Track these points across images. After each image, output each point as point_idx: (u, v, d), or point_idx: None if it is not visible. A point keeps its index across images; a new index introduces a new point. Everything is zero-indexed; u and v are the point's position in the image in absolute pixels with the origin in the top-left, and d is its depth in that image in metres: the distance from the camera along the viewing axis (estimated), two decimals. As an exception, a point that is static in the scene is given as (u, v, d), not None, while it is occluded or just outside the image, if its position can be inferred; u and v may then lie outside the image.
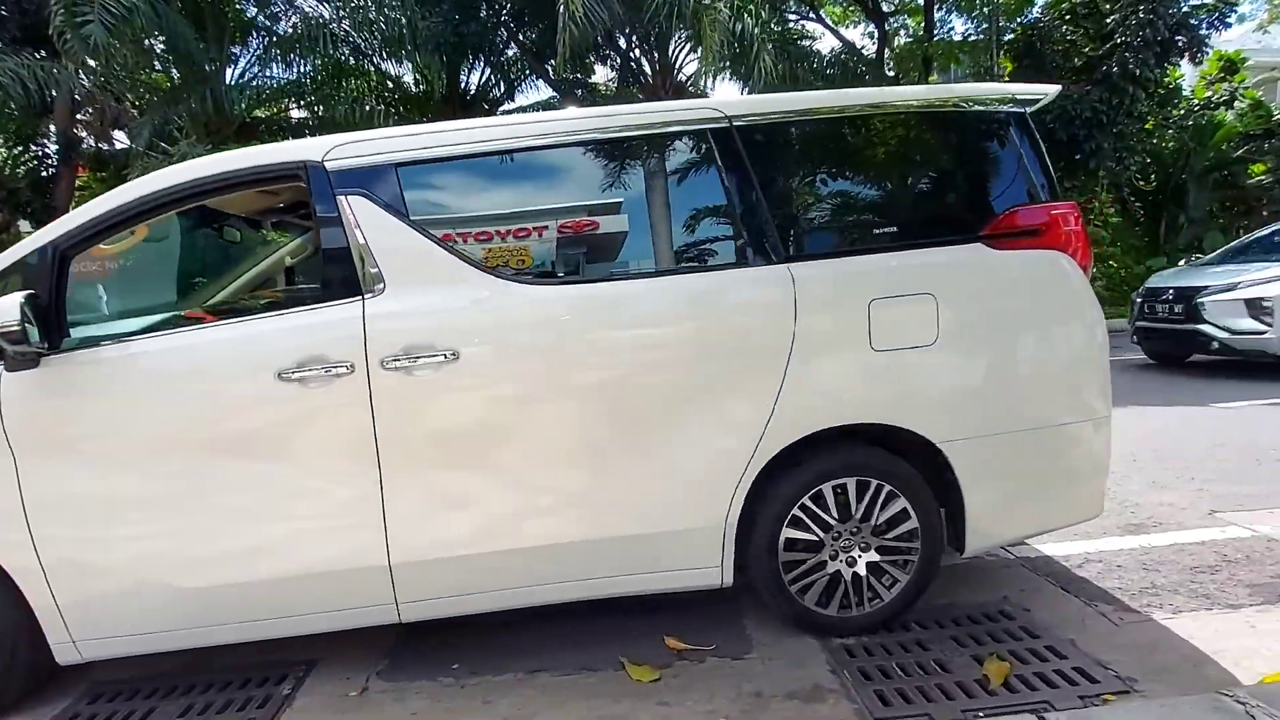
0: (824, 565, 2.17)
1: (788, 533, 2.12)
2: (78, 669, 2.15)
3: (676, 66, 13.35)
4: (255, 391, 1.92)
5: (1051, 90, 2.28)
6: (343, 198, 1.98)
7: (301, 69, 11.60)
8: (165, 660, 2.21)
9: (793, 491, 2.10)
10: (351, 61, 11.73)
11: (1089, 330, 2.19)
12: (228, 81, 10.97)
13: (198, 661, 2.27)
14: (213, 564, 1.99)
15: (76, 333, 2.03)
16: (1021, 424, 2.15)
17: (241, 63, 11.86)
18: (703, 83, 11.57)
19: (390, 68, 12.62)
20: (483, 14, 10.92)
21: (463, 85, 12.76)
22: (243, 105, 10.70)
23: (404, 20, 9.92)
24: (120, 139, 11.46)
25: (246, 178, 2.03)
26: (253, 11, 11.80)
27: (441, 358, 1.94)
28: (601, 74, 13.69)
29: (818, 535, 2.14)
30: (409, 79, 12.84)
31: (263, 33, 11.77)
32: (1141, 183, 14.16)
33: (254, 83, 11.68)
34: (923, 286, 2.07)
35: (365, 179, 2.00)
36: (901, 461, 2.14)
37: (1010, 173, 2.21)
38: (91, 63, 10.31)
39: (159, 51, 9.90)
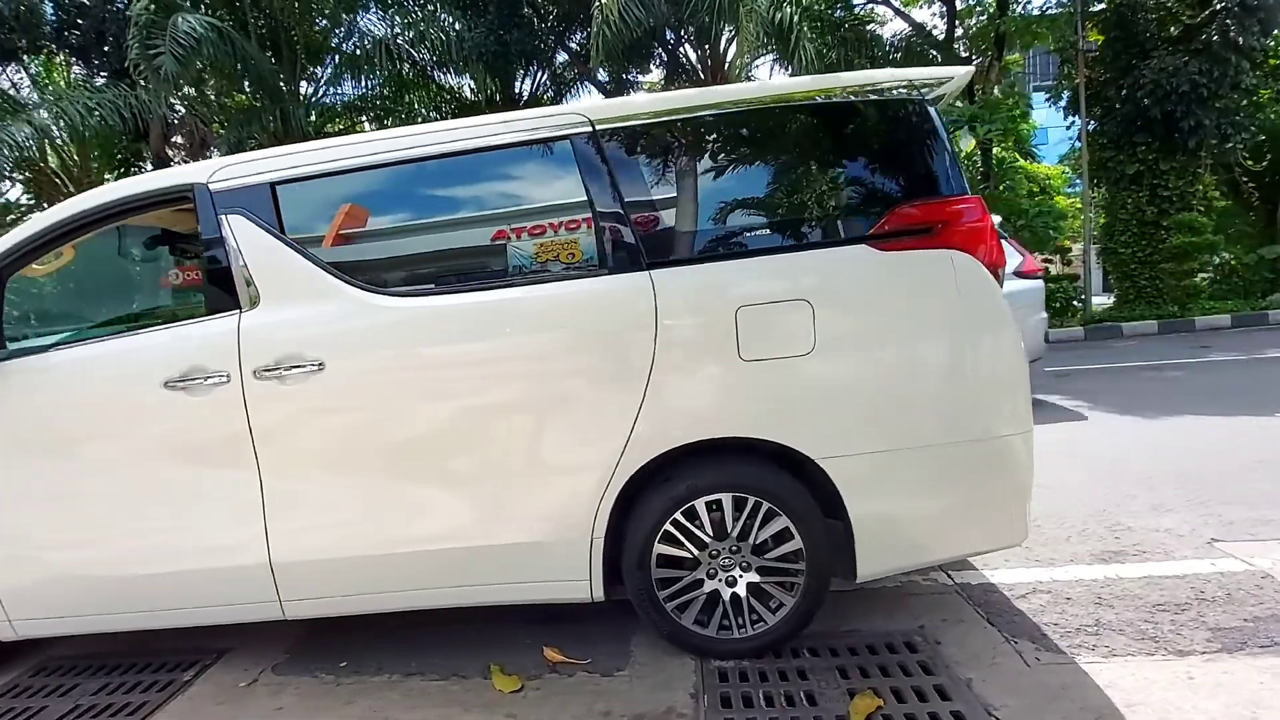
0: (701, 584, 2.09)
1: (660, 548, 2.05)
2: (36, 645, 2.41)
3: (726, 58, 13.15)
4: (146, 399, 2.07)
5: (959, 72, 2.08)
6: (224, 217, 2.09)
7: (367, 84, 12.34)
8: (111, 642, 2.43)
9: (664, 506, 2.03)
10: (411, 75, 12.31)
11: (995, 338, 1.98)
12: (301, 99, 11.84)
13: (139, 644, 2.47)
14: (118, 557, 2.16)
15: (17, 345, 2.25)
16: (915, 440, 1.97)
17: (314, 82, 12.76)
18: (743, 73, 11.32)
19: (449, 79, 13.19)
20: (528, 22, 11.15)
21: (516, 92, 13.10)
22: (312, 121, 11.47)
23: (451, 33, 10.29)
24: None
25: (145, 201, 2.18)
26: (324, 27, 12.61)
27: (309, 368, 2.01)
28: (651, 72, 13.67)
29: (692, 552, 2.06)
30: (467, 89, 13.34)
31: (331, 53, 12.58)
32: (1251, 163, 12.58)
33: (325, 99, 12.53)
34: (796, 293, 1.94)
35: (244, 199, 2.10)
36: (784, 478, 2.01)
37: (904, 167, 2.03)
38: (188, 90, 11.39)
39: (234, 75, 10.73)
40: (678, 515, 2.03)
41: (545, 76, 13.61)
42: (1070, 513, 3.13)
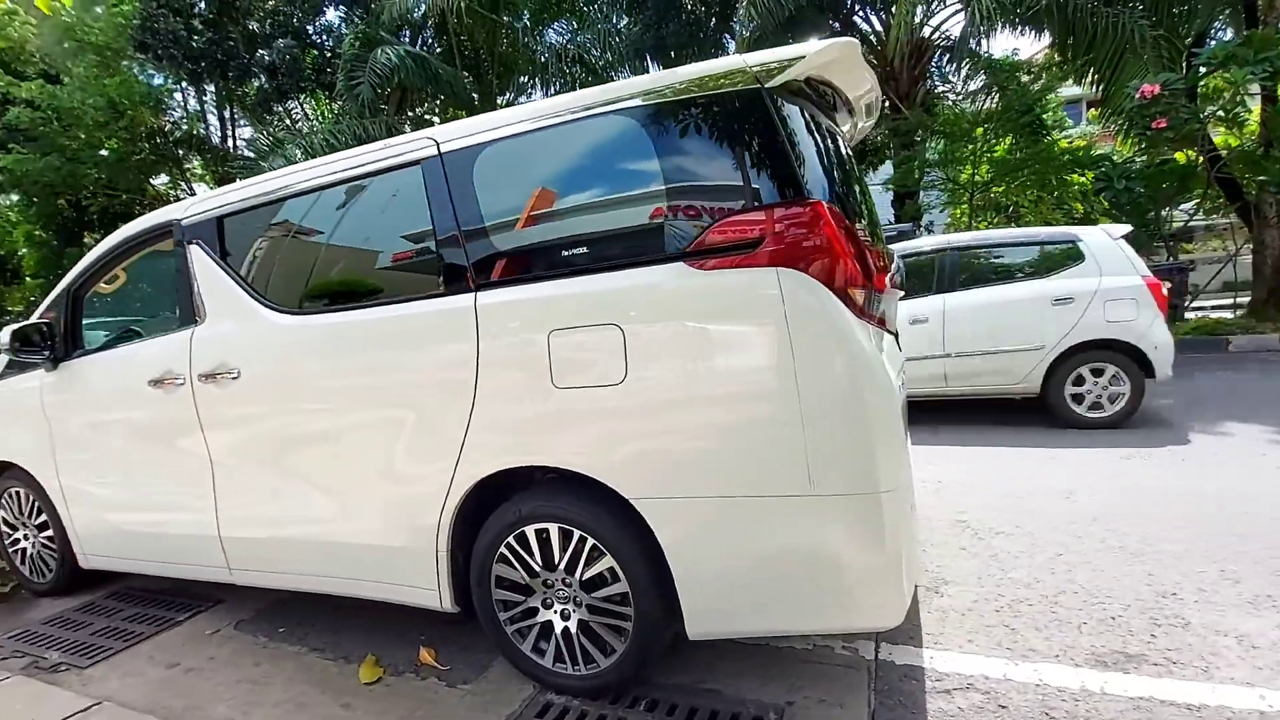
0: (536, 612, 2.04)
1: (498, 569, 2.05)
2: (121, 576, 3.17)
3: (919, 19, 11.75)
4: (140, 394, 2.58)
5: (810, 49, 1.69)
6: (189, 246, 2.52)
7: (551, 91, 13.34)
8: (162, 581, 3.10)
9: (498, 528, 2.02)
10: (586, 78, 13.02)
11: (834, 373, 1.62)
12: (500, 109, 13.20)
13: (181, 587, 3.10)
14: (128, 515, 2.75)
15: (90, 346, 2.95)
16: (738, 489, 1.70)
17: (505, 93, 14.13)
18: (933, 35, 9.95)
19: (622, 77, 13.70)
20: (687, 12, 11.08)
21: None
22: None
23: (621, 32, 10.63)
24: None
25: (150, 235, 2.70)
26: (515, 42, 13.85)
27: (232, 374, 2.35)
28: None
29: (525, 579, 2.02)
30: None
31: (524, 67, 13.78)
32: None
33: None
34: (605, 316, 1.78)
35: (201, 231, 2.50)
36: (607, 515, 1.87)
37: (734, 171, 1.72)
38: (414, 111, 13.34)
39: (430, 93, 12.30)
40: (511, 539, 2.01)
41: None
42: (1119, 589, 2.41)
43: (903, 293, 2.67)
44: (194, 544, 2.59)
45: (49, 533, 3.06)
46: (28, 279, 18.80)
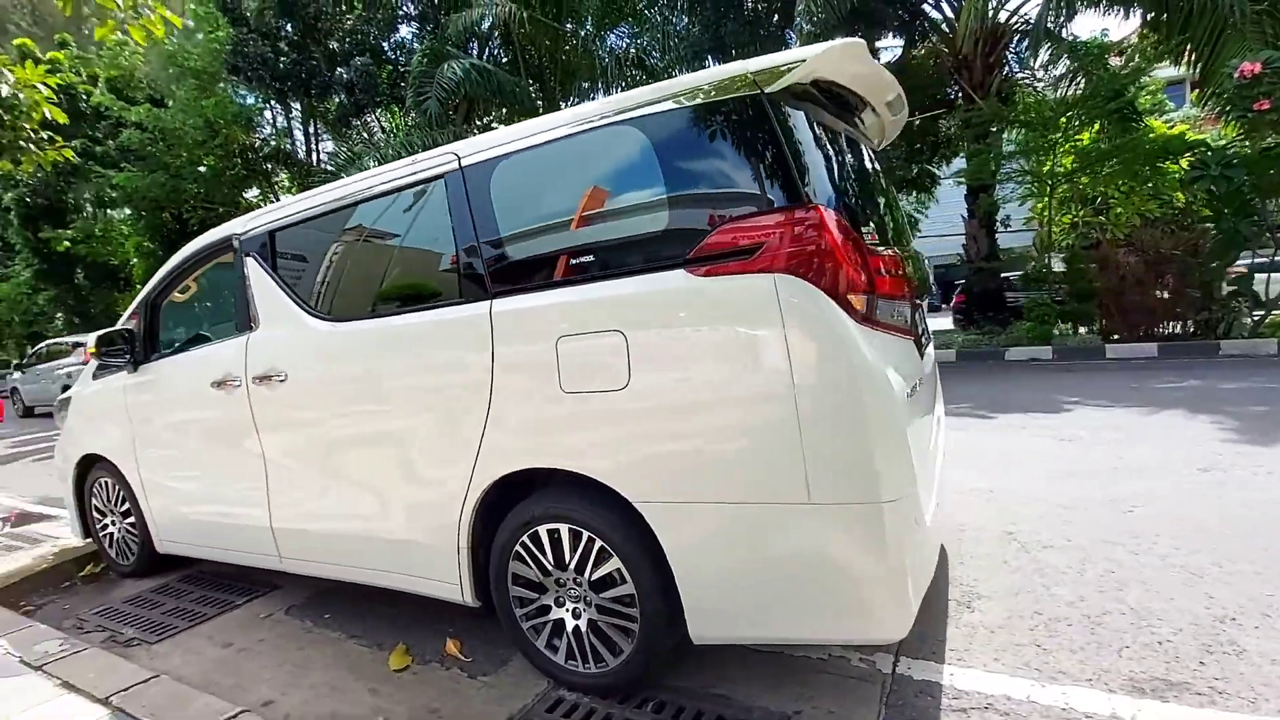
0: (549, 610, 2.10)
1: (514, 566, 2.12)
2: (190, 561, 3.45)
3: (993, 3, 11.23)
4: (205, 394, 2.81)
5: (810, 52, 1.66)
6: (245, 258, 2.72)
7: (613, 93, 13.53)
8: (230, 567, 3.35)
9: (514, 527, 2.09)
10: (643, 79, 13.12)
11: (833, 381, 1.59)
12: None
13: (242, 573, 3.35)
14: (193, 504, 2.99)
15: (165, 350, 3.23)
16: (737, 495, 1.70)
17: (566, 98, 14.41)
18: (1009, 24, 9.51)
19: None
20: (747, 10, 10.98)
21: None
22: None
23: (666, 32, 10.68)
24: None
25: (212, 249, 2.94)
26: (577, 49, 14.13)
27: (280, 377, 2.53)
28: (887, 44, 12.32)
29: (538, 577, 2.08)
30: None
31: (584, 71, 14.02)
32: None
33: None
34: (609, 323, 1.82)
35: (255, 243, 2.70)
36: (614, 518, 1.90)
37: (731, 178, 1.72)
38: (479, 120, 13.81)
39: (493, 103, 12.69)
40: (525, 538, 2.07)
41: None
42: (1172, 611, 2.24)
43: (927, 297, 2.58)
44: (251, 534, 2.80)
45: (131, 520, 3.37)
46: (137, 286, 20.66)
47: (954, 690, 1.94)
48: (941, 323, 15.79)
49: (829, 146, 1.83)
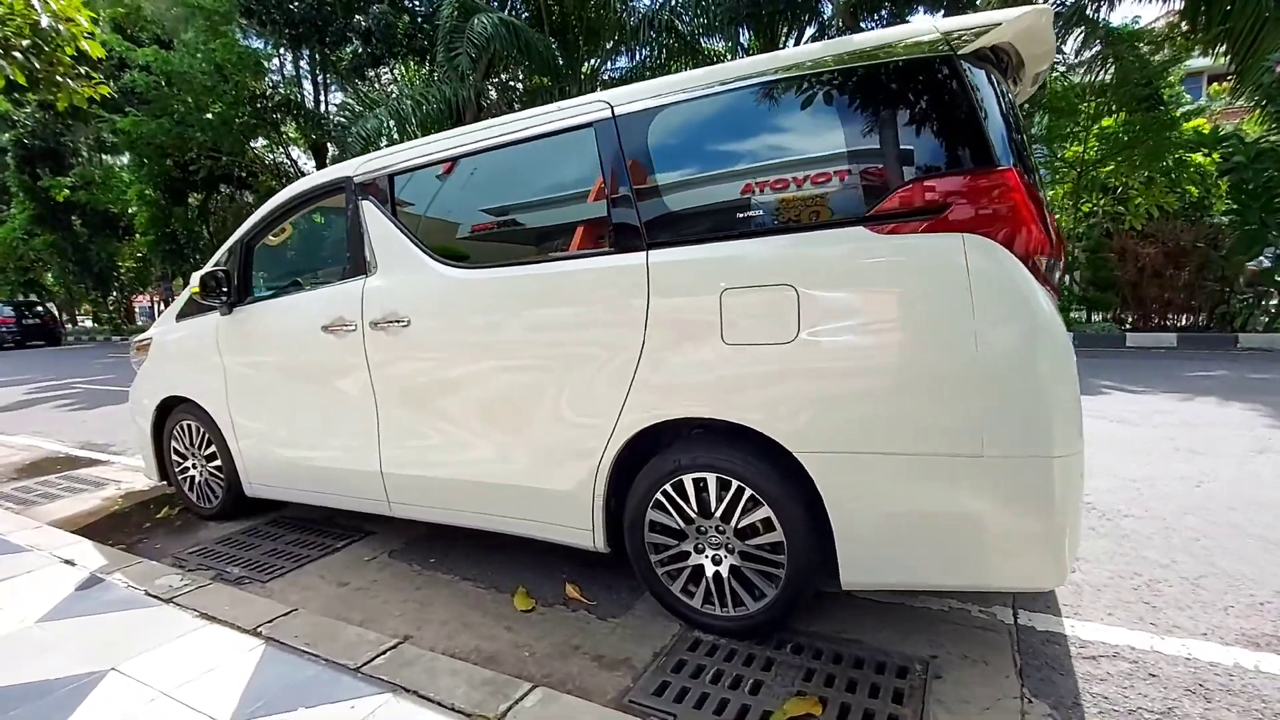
0: (688, 556, 2.17)
1: (652, 515, 2.18)
2: (274, 506, 3.49)
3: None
4: (311, 338, 2.82)
5: (1006, 15, 1.68)
6: (360, 202, 2.71)
7: (640, 57, 13.31)
8: (316, 510, 3.41)
9: (656, 475, 2.14)
10: (675, 44, 12.91)
11: (1016, 338, 1.65)
12: (583, 76, 13.32)
13: (327, 518, 3.41)
14: (294, 448, 3.02)
15: (259, 293, 3.23)
16: (904, 447, 1.76)
17: (592, 59, 14.17)
18: None
19: (713, 44, 13.52)
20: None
21: (780, 48, 12.83)
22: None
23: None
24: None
25: (321, 191, 2.92)
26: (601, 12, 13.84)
27: (401, 323, 2.55)
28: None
29: (679, 525, 2.15)
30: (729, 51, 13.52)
31: (611, 30, 13.74)
32: None
33: (604, 75, 13.83)
34: (780, 277, 1.86)
35: (373, 187, 2.69)
36: (767, 467, 1.97)
37: (922, 137, 1.75)
38: (500, 77, 13.53)
39: (518, 60, 12.46)
40: (667, 487, 2.13)
41: (815, 29, 13.09)
42: (1266, 576, 2.36)
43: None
44: (356, 478, 2.84)
45: (216, 463, 3.40)
46: (138, 235, 20.23)
47: (1079, 640, 2.04)
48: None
49: (1006, 109, 1.86)
